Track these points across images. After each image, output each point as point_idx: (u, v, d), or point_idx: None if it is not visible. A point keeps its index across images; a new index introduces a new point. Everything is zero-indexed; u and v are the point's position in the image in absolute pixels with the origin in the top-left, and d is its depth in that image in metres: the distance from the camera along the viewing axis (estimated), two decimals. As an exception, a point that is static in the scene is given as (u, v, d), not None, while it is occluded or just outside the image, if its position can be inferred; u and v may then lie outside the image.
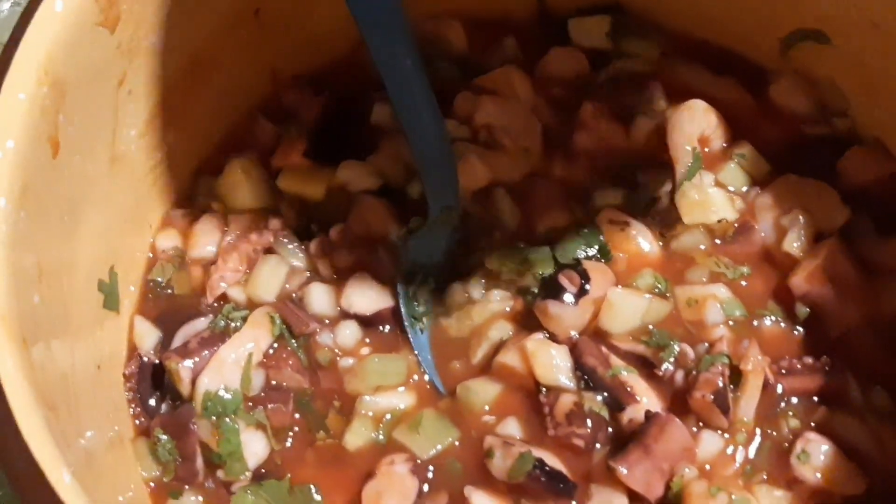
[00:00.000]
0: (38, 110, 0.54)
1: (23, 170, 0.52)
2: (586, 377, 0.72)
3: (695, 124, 0.83)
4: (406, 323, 0.76)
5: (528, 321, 0.76)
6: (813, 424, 0.72)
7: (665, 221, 0.81)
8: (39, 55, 0.54)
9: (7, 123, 0.51)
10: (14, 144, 0.51)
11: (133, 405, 0.70)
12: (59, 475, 0.42)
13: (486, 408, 0.73)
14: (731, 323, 0.75)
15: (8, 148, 0.51)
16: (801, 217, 0.79)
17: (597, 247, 0.78)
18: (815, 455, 0.70)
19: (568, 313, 0.75)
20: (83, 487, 0.44)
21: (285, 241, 0.77)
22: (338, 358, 0.74)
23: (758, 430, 0.71)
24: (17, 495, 0.41)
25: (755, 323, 0.76)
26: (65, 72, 0.57)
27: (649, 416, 0.69)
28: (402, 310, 0.76)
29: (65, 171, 0.59)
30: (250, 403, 0.71)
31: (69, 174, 0.60)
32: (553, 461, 0.69)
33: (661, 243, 0.80)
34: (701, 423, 0.71)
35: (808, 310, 0.76)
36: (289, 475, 0.70)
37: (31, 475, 0.41)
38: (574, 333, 0.75)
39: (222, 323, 0.74)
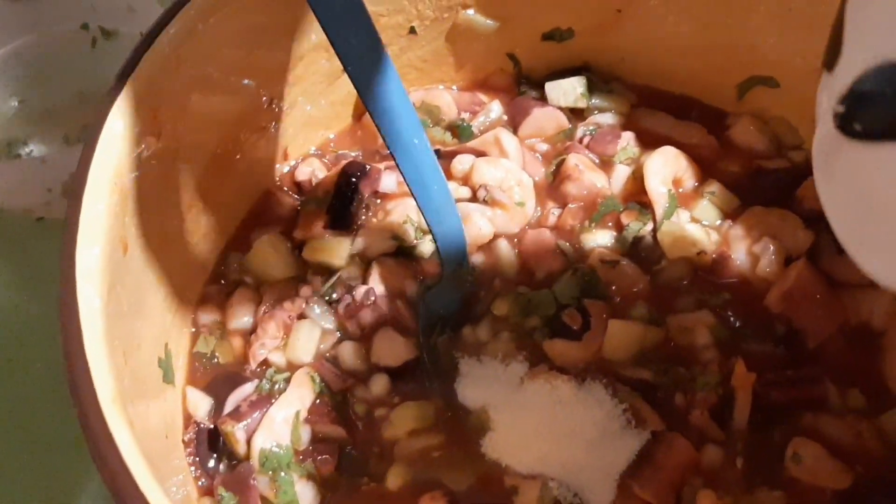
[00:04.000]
0: (113, 217, 0.62)
1: (107, 270, 0.60)
2: (597, 405, 0.80)
3: (667, 168, 0.92)
4: (430, 370, 0.83)
5: (537, 358, 0.83)
6: (801, 429, 0.79)
7: (650, 257, 0.89)
8: (110, 168, 0.62)
9: (92, 232, 0.59)
10: (99, 250, 0.59)
11: (194, 468, 0.76)
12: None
13: (511, 441, 0.80)
14: (719, 345, 0.83)
15: (95, 254, 0.58)
16: (770, 243, 0.87)
17: (592, 285, 0.86)
18: (805, 456, 0.76)
19: (574, 348, 0.83)
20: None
21: (315, 306, 0.84)
22: (373, 408, 0.80)
23: (753, 439, 0.78)
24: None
25: (741, 342, 0.83)
26: (127, 179, 0.64)
27: (656, 435, 0.77)
28: (426, 359, 0.83)
29: (131, 265, 0.66)
30: (300, 457, 0.77)
31: (134, 267, 0.67)
32: (575, 483, 0.77)
33: (649, 277, 0.88)
34: (702, 438, 0.78)
35: (785, 327, 0.83)
36: (340, 519, 0.77)
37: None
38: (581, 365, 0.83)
39: (267, 386, 0.80)
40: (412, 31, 0.94)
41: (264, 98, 0.86)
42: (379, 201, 0.91)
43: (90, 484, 0.90)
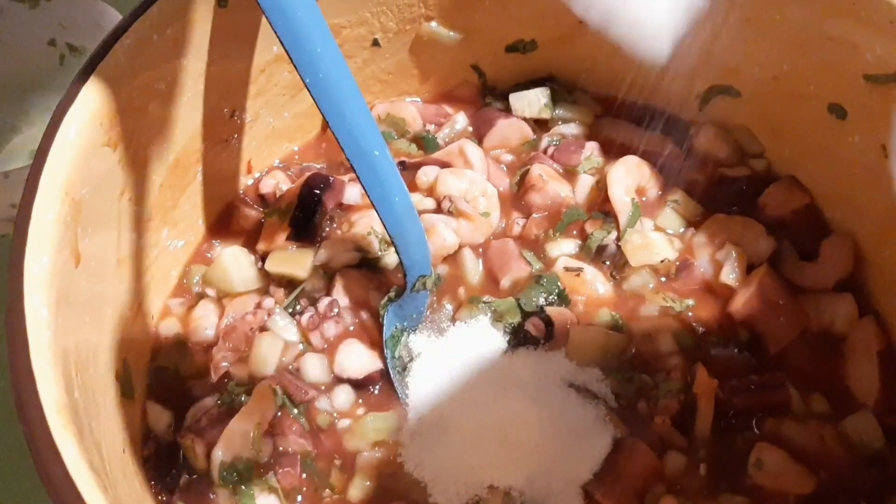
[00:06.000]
0: (63, 227, 0.61)
1: (56, 282, 0.59)
2: (561, 412, 0.80)
3: (631, 177, 0.93)
4: (394, 381, 0.82)
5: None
6: (764, 434, 0.79)
7: (615, 265, 0.90)
8: (60, 178, 0.61)
9: (41, 242, 0.58)
10: (48, 260, 0.58)
11: (153, 483, 0.76)
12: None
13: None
14: (682, 351, 0.83)
15: (44, 264, 0.58)
16: (732, 251, 0.88)
17: (556, 293, 0.86)
18: (768, 462, 0.77)
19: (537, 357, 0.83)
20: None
21: (278, 318, 0.83)
22: (336, 420, 0.80)
23: (716, 445, 0.79)
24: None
25: (704, 349, 0.84)
26: (80, 190, 0.64)
27: (617, 442, 0.77)
28: (390, 370, 0.82)
29: (84, 277, 0.65)
30: (262, 470, 0.76)
31: (87, 280, 0.66)
32: (538, 492, 0.77)
33: (613, 284, 0.89)
34: (664, 444, 0.78)
35: (748, 332, 0.84)
36: (302, 532, 0.76)
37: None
38: (545, 374, 0.83)
39: (228, 399, 0.79)
40: (375, 43, 0.94)
41: (225, 110, 0.85)
42: (343, 213, 0.91)
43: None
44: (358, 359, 0.82)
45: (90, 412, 0.62)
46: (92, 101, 0.66)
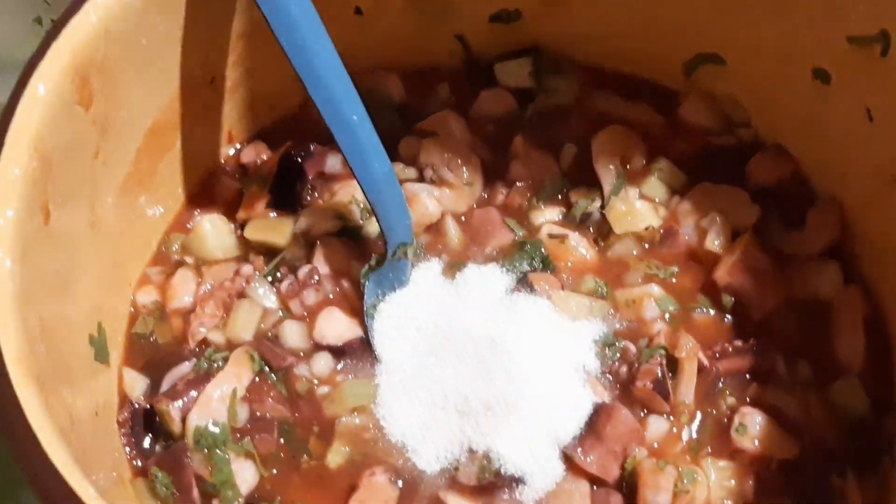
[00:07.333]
0: (31, 182, 0.60)
1: (22, 235, 0.58)
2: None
3: (616, 146, 0.92)
4: (374, 347, 0.81)
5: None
6: (747, 399, 0.79)
7: (599, 232, 0.89)
8: (29, 134, 0.61)
9: (6, 195, 0.58)
10: (13, 213, 0.58)
11: (128, 448, 0.75)
12: (87, 493, 0.47)
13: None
14: (666, 317, 0.83)
15: (8, 216, 0.57)
16: (717, 218, 0.87)
17: (540, 259, 0.86)
18: (752, 427, 0.77)
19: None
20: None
21: (257, 285, 0.83)
22: (315, 386, 0.79)
23: (699, 410, 0.79)
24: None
25: (688, 315, 0.84)
26: (50, 147, 0.63)
27: (596, 406, 0.77)
28: (371, 337, 0.82)
29: (54, 235, 0.65)
30: (238, 435, 0.75)
31: (58, 238, 0.65)
32: (516, 457, 0.76)
33: (597, 251, 0.88)
34: (646, 409, 0.78)
35: (732, 299, 0.84)
36: (279, 498, 0.75)
37: (64, 495, 0.47)
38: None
39: (205, 364, 0.79)
40: (358, 11, 0.93)
41: (204, 77, 0.84)
42: (325, 182, 0.90)
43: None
44: (338, 326, 0.82)
45: (59, 372, 0.61)
46: (63, 57, 0.65)
